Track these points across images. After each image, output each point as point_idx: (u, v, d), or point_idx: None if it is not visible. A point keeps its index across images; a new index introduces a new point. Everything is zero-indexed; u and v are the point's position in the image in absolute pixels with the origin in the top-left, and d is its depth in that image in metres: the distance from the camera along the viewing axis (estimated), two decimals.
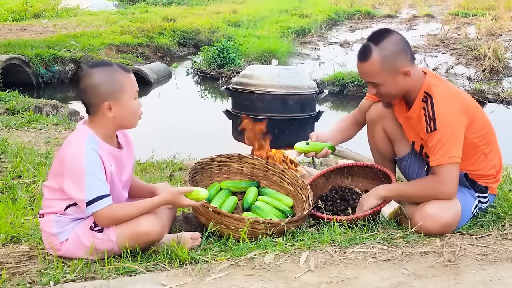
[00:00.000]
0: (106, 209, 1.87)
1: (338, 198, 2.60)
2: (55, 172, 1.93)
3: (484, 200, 2.37)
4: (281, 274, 1.87)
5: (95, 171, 1.85)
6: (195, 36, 12.35)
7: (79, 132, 1.93)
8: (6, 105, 5.26)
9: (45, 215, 1.97)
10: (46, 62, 8.39)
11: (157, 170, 3.61)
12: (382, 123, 2.53)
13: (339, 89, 7.90)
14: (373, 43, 2.20)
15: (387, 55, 2.18)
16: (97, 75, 1.90)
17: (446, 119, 2.15)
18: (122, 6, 19.17)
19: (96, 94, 1.90)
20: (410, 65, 2.23)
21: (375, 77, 2.22)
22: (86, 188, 1.83)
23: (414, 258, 2.02)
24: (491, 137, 2.33)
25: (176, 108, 7.38)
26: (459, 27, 13.32)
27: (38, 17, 14.51)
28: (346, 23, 16.70)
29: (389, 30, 2.26)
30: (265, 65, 4.54)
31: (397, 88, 2.25)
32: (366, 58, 2.20)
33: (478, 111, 2.30)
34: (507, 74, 8.66)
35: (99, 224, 1.92)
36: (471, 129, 2.22)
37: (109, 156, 1.95)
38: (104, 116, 1.92)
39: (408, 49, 2.24)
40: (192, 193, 2.03)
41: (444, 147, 2.14)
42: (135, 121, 2.01)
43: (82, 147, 1.86)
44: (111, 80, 1.91)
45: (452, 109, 2.17)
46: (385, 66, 2.18)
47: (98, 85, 1.89)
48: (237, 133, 3.17)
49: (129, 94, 1.95)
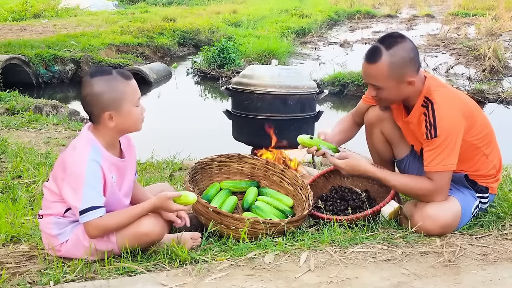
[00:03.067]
0: (96, 220, 1.86)
1: (338, 198, 2.60)
2: (56, 175, 1.93)
3: (484, 201, 2.37)
4: (281, 274, 1.87)
5: (93, 183, 1.86)
6: (195, 36, 12.35)
7: (84, 140, 1.92)
8: (6, 105, 5.26)
9: (44, 216, 1.98)
10: (46, 62, 8.39)
11: (157, 170, 3.60)
12: (381, 126, 2.52)
13: (339, 89, 7.90)
14: (384, 47, 2.15)
15: (396, 62, 2.14)
16: (97, 85, 1.89)
17: (447, 126, 2.14)
18: (122, 6, 19.17)
19: (97, 104, 1.89)
20: (416, 75, 2.20)
21: (379, 81, 2.19)
22: (82, 197, 1.83)
23: (414, 258, 2.02)
24: (491, 137, 2.32)
25: (176, 108, 7.37)
26: (459, 27, 13.32)
27: (38, 17, 14.51)
28: (346, 23, 16.70)
29: (402, 36, 2.20)
30: (265, 65, 4.54)
31: (397, 95, 2.24)
32: (375, 61, 2.16)
33: (478, 113, 2.29)
34: (507, 74, 8.65)
35: (88, 234, 1.89)
36: (472, 132, 2.21)
37: (111, 166, 1.95)
38: (105, 126, 1.92)
39: (417, 58, 2.21)
40: (181, 197, 2.00)
41: (443, 154, 2.14)
42: (139, 126, 2.01)
43: (85, 156, 1.86)
44: (111, 89, 1.89)
45: (453, 115, 2.16)
46: (391, 72, 2.15)
47: (98, 95, 1.88)
48: (238, 133, 3.17)
49: (130, 102, 1.93)
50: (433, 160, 2.16)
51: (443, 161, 2.14)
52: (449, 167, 2.16)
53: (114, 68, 1.98)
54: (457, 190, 2.31)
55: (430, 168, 2.18)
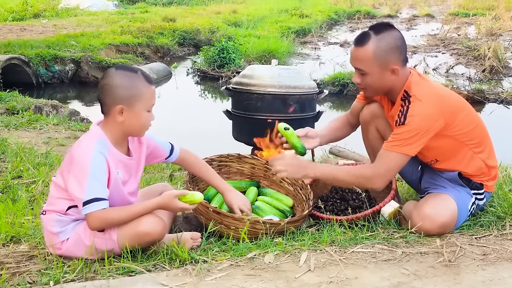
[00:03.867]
0: (99, 212, 1.86)
1: (338, 198, 2.61)
2: (63, 169, 1.95)
3: (480, 197, 2.37)
4: (281, 274, 1.87)
5: (98, 174, 1.86)
6: (195, 36, 12.35)
7: (92, 133, 1.95)
8: (6, 105, 5.26)
9: (47, 213, 1.98)
10: (46, 62, 8.39)
11: (157, 170, 3.61)
12: (375, 123, 2.53)
13: (339, 89, 7.90)
14: (373, 32, 2.21)
15: (383, 46, 2.19)
16: (119, 77, 1.91)
17: (417, 119, 2.16)
18: (122, 6, 19.17)
19: (112, 95, 1.91)
20: (401, 65, 2.23)
21: (364, 65, 2.23)
22: (86, 188, 1.84)
23: (414, 258, 2.02)
24: (479, 134, 2.32)
25: (176, 108, 7.37)
26: (459, 27, 13.32)
27: (38, 17, 14.51)
28: (346, 23, 16.70)
29: (392, 26, 2.28)
30: (265, 65, 4.54)
31: (380, 83, 2.26)
32: (362, 44, 2.21)
33: (462, 109, 2.29)
34: (507, 74, 8.66)
35: (90, 226, 1.89)
36: (453, 128, 2.23)
37: (118, 163, 1.96)
38: (114, 119, 1.93)
39: (404, 49, 2.25)
40: (187, 196, 2.01)
41: (403, 140, 2.17)
42: (142, 132, 2.03)
43: (91, 148, 1.87)
44: (131, 86, 1.91)
45: (427, 110, 2.17)
46: (377, 57, 2.19)
47: (116, 86, 1.90)
48: (238, 133, 3.17)
49: (144, 104, 1.95)
50: (392, 141, 2.20)
51: (401, 144, 2.17)
52: (403, 152, 2.17)
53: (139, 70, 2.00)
54: (451, 188, 2.32)
55: (385, 146, 2.22)
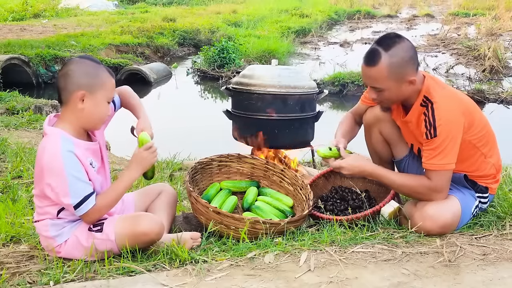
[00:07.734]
0: (92, 208, 1.89)
1: (338, 198, 2.61)
2: (39, 181, 1.89)
3: (484, 201, 2.37)
4: (281, 274, 1.87)
5: (75, 173, 1.83)
6: (195, 36, 12.34)
7: (50, 136, 1.87)
8: (6, 105, 5.26)
9: (39, 221, 1.96)
10: (46, 62, 8.38)
11: (157, 170, 3.60)
12: (379, 127, 2.51)
13: (339, 89, 7.89)
14: (383, 48, 2.14)
15: (396, 62, 2.13)
16: (84, 64, 1.90)
17: (447, 125, 2.13)
18: (122, 6, 19.16)
19: (75, 81, 1.87)
20: (416, 74, 2.20)
21: (380, 83, 2.18)
22: (70, 192, 1.82)
23: (414, 258, 2.02)
24: (489, 137, 2.32)
25: (176, 108, 7.37)
26: (459, 27, 13.32)
27: (38, 17, 14.50)
28: (346, 23, 16.70)
29: (400, 36, 2.20)
30: (265, 65, 4.54)
31: (399, 95, 2.23)
32: (374, 63, 2.15)
33: (477, 112, 2.29)
34: (507, 74, 8.65)
35: (88, 221, 1.94)
36: (471, 131, 2.21)
37: (85, 151, 1.92)
38: (74, 107, 1.89)
39: (416, 58, 2.21)
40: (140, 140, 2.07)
41: (442, 153, 2.14)
42: (99, 125, 2.00)
43: (58, 151, 1.81)
44: (95, 74, 1.90)
45: (453, 115, 2.15)
46: (392, 73, 2.14)
47: (80, 72, 1.88)
48: (238, 133, 3.17)
49: (105, 94, 1.93)
50: (432, 158, 2.17)
51: (442, 160, 2.15)
52: (448, 166, 2.16)
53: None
54: (457, 190, 2.31)
55: (428, 166, 2.18)
